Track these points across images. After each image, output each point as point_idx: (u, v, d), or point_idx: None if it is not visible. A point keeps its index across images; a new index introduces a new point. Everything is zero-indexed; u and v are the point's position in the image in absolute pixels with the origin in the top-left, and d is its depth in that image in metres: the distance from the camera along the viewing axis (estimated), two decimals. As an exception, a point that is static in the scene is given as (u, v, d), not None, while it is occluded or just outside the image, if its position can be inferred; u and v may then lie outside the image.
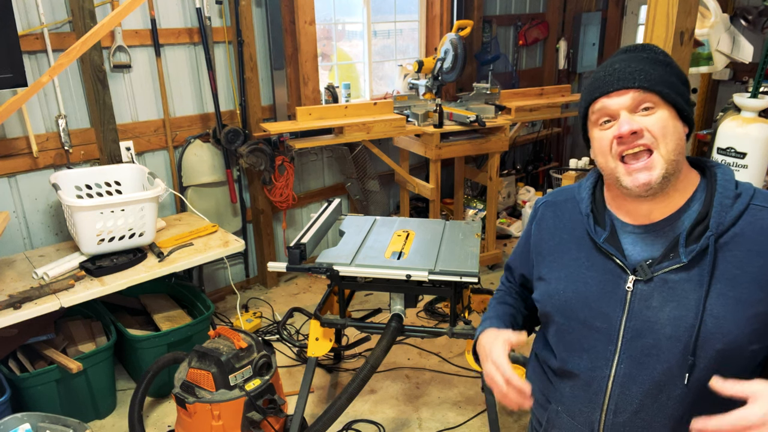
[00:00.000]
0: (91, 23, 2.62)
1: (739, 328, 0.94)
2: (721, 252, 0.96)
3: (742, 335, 0.94)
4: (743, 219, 0.97)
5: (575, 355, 1.09)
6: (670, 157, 0.97)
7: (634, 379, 1.00)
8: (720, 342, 0.94)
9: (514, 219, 4.61)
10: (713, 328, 0.94)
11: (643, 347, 0.99)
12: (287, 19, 3.41)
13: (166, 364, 2.29)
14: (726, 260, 0.96)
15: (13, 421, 1.95)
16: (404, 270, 2.09)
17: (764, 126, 2.02)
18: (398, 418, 2.54)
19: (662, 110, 0.99)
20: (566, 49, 5.19)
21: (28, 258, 2.62)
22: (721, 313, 0.94)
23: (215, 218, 3.32)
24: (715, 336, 0.94)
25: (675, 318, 0.97)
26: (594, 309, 1.05)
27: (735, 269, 0.95)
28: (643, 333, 0.99)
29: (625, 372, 1.01)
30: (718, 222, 0.97)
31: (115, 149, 2.87)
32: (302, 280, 3.83)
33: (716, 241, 0.96)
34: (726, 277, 0.95)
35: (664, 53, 1.04)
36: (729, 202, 0.98)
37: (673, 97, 0.99)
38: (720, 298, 0.95)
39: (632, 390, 1.01)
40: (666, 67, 1.02)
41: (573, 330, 1.09)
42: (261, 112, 3.39)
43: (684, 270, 0.97)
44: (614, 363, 1.02)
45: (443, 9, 4.23)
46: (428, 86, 3.97)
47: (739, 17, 4.45)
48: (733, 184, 1.00)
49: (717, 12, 2.13)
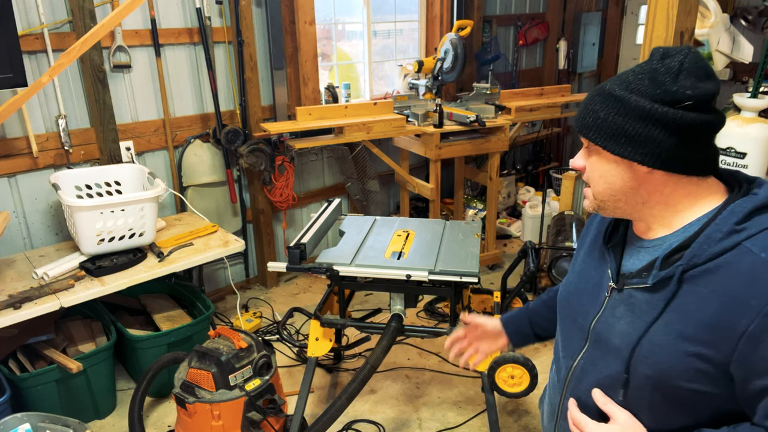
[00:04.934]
0: (91, 23, 2.62)
1: (672, 361, 0.93)
2: (687, 284, 0.93)
3: (673, 369, 0.93)
4: (725, 257, 0.90)
5: (561, 342, 1.18)
6: (599, 197, 1.02)
7: (586, 376, 1.07)
8: (650, 368, 0.95)
9: (514, 219, 4.61)
10: (647, 353, 0.96)
11: (599, 350, 1.05)
12: (287, 19, 3.41)
13: (166, 364, 2.30)
14: (688, 293, 0.93)
15: (13, 421, 1.95)
16: (404, 270, 2.09)
17: (764, 126, 2.02)
18: (398, 418, 2.54)
19: (595, 155, 1.01)
20: (566, 49, 5.19)
21: (28, 258, 2.62)
22: (660, 341, 0.94)
23: (215, 218, 3.32)
24: (646, 361, 0.96)
25: (624, 333, 1.00)
26: (581, 305, 1.12)
27: (692, 305, 0.92)
28: (601, 337, 1.04)
29: (581, 367, 1.09)
30: (694, 254, 0.92)
31: (115, 149, 2.87)
32: (302, 280, 3.83)
33: (685, 272, 0.93)
34: (681, 309, 0.93)
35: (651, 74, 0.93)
36: (718, 236, 0.91)
37: (602, 143, 0.96)
38: (665, 327, 0.94)
39: (583, 384, 1.07)
40: (616, 103, 0.94)
41: (565, 319, 1.17)
42: (261, 112, 3.39)
43: (648, 291, 0.98)
44: (579, 357, 1.09)
45: (443, 9, 4.23)
46: (428, 86, 3.97)
47: (739, 17, 4.45)
48: (739, 217, 0.91)
49: (717, 12, 2.13)
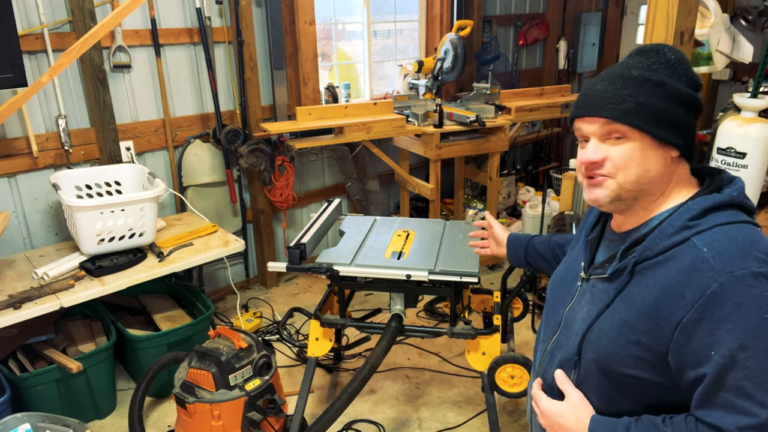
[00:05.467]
0: (91, 23, 2.62)
1: (615, 348, 0.98)
2: (638, 275, 0.98)
3: (616, 356, 0.98)
4: (673, 251, 0.94)
5: (542, 327, 1.25)
6: (627, 187, 0.99)
7: (554, 359, 1.13)
8: (593, 352, 1.02)
9: (514, 219, 4.61)
10: (593, 338, 1.02)
11: (564, 335, 1.12)
12: (287, 19, 3.41)
13: (166, 364, 2.29)
14: (636, 284, 0.97)
15: (13, 421, 1.95)
16: (404, 270, 2.09)
17: (764, 126, 2.02)
18: (398, 418, 2.54)
19: (632, 140, 0.97)
20: (566, 49, 5.19)
21: (28, 258, 2.62)
22: (605, 328, 1.00)
23: (215, 218, 3.32)
24: (591, 345, 1.02)
25: (583, 319, 1.07)
26: (561, 293, 1.18)
27: (637, 295, 0.96)
28: (568, 323, 1.11)
29: (551, 351, 1.15)
30: (646, 248, 0.97)
31: (115, 149, 2.87)
32: (302, 280, 3.83)
33: (637, 264, 0.98)
34: (628, 299, 0.98)
35: (674, 62, 0.98)
36: (670, 231, 0.96)
37: (648, 128, 0.95)
38: (613, 315, 1.00)
39: (551, 368, 1.13)
40: (655, 87, 0.96)
41: (548, 306, 1.24)
42: (261, 112, 3.39)
43: (606, 281, 1.04)
44: (551, 341, 1.16)
45: (443, 9, 4.23)
46: (428, 86, 3.97)
47: (739, 17, 4.45)
48: (693, 213, 0.95)
49: (717, 12, 2.13)
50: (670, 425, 0.94)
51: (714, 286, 0.87)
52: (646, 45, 1.03)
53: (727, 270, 0.88)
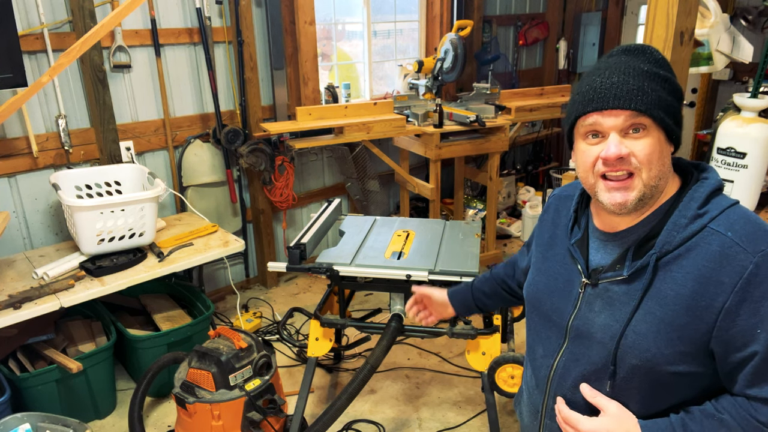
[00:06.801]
0: (91, 23, 2.62)
1: (658, 348, 0.95)
2: (662, 271, 0.96)
3: (660, 355, 0.95)
4: (694, 240, 0.94)
5: (536, 342, 1.18)
6: (651, 183, 0.96)
7: (569, 373, 1.07)
8: (636, 358, 0.97)
9: (514, 219, 4.61)
10: (632, 343, 0.97)
11: (580, 345, 1.05)
12: (287, 19, 3.41)
13: (166, 364, 2.29)
14: (663, 279, 0.96)
15: (13, 421, 1.96)
16: (404, 270, 2.09)
17: (764, 126, 2.02)
18: (398, 418, 2.54)
19: (653, 134, 0.95)
20: (566, 49, 5.19)
21: (28, 258, 2.62)
22: (643, 330, 0.96)
23: (215, 218, 3.32)
24: (632, 351, 0.97)
25: (606, 326, 1.01)
26: (554, 303, 1.12)
27: (669, 290, 0.95)
28: (582, 333, 1.05)
29: (564, 365, 1.08)
30: (665, 241, 0.96)
31: (115, 149, 2.87)
32: (302, 280, 3.83)
33: (659, 259, 0.96)
34: (659, 296, 0.96)
35: (663, 61, 0.99)
36: (684, 222, 0.96)
37: (667, 122, 0.96)
38: (647, 315, 0.97)
39: (567, 382, 1.08)
40: (664, 82, 0.96)
41: (537, 319, 1.17)
42: (261, 112, 3.39)
43: (625, 282, 1.00)
44: (559, 355, 1.09)
45: (443, 9, 4.23)
46: (428, 86, 3.97)
47: (739, 17, 4.45)
48: (699, 202, 0.96)
49: (717, 12, 2.13)
50: (725, 411, 0.95)
51: (751, 267, 0.90)
52: (630, 45, 1.01)
53: (759, 249, 0.90)
